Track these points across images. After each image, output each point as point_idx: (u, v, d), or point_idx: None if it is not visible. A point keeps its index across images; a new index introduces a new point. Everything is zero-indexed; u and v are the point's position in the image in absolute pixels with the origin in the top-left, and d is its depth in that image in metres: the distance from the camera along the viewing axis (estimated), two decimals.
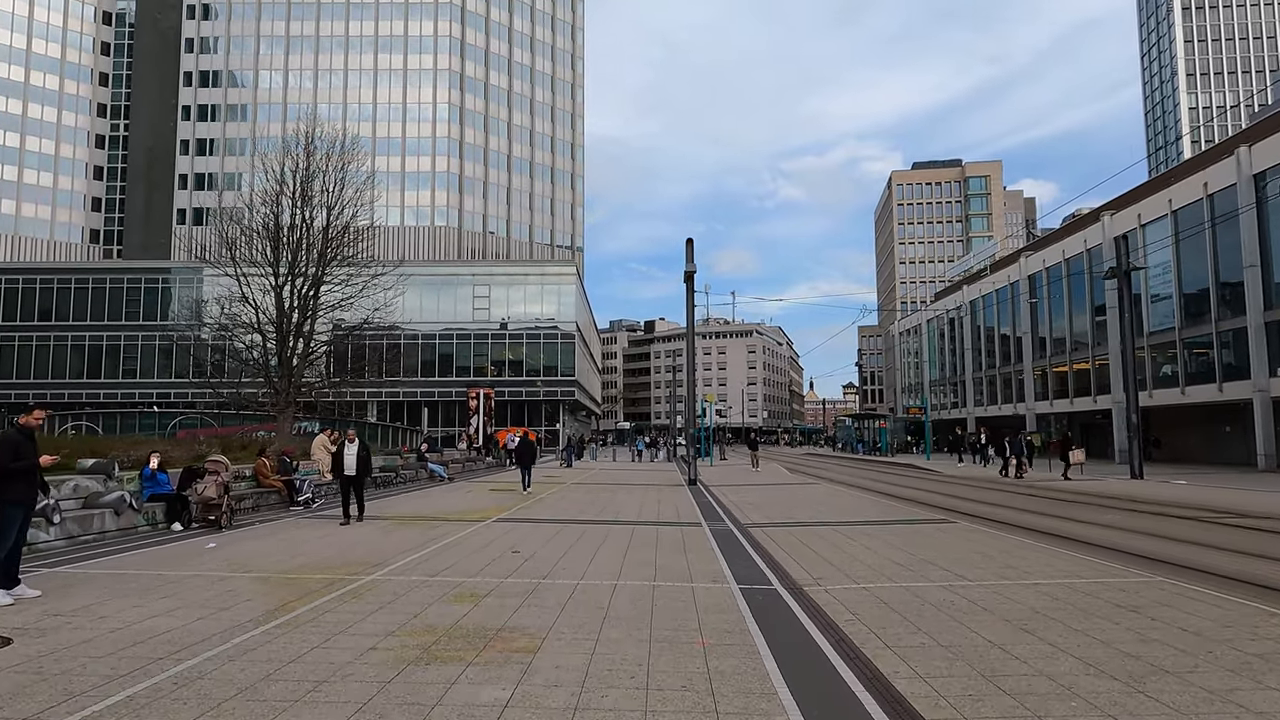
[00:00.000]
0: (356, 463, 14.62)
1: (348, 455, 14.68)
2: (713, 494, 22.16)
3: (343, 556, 10.46)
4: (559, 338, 71.42)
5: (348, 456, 14.67)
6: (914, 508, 18.68)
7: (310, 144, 31.34)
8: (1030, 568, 9.75)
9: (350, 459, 14.67)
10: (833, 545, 11.87)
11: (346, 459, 14.65)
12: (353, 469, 14.62)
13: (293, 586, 8.36)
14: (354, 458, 14.67)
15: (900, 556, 10.71)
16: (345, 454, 14.70)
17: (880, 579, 9.09)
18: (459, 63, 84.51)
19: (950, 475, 33.47)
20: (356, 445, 14.82)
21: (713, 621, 6.98)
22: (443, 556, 10.56)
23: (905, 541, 12.21)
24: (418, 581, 8.73)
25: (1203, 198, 41.53)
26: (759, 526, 14.40)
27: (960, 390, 75.17)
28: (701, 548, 11.68)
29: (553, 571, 9.48)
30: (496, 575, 9.19)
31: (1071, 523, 15.79)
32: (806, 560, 10.46)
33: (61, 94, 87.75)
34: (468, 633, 6.46)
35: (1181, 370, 43.93)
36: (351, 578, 8.90)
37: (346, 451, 14.72)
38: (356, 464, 14.61)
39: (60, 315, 68.38)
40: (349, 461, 14.64)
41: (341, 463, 14.72)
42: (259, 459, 16.65)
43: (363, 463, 14.74)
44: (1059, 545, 12.05)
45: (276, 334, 30.57)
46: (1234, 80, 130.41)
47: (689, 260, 27.14)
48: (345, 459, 14.66)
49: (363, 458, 14.76)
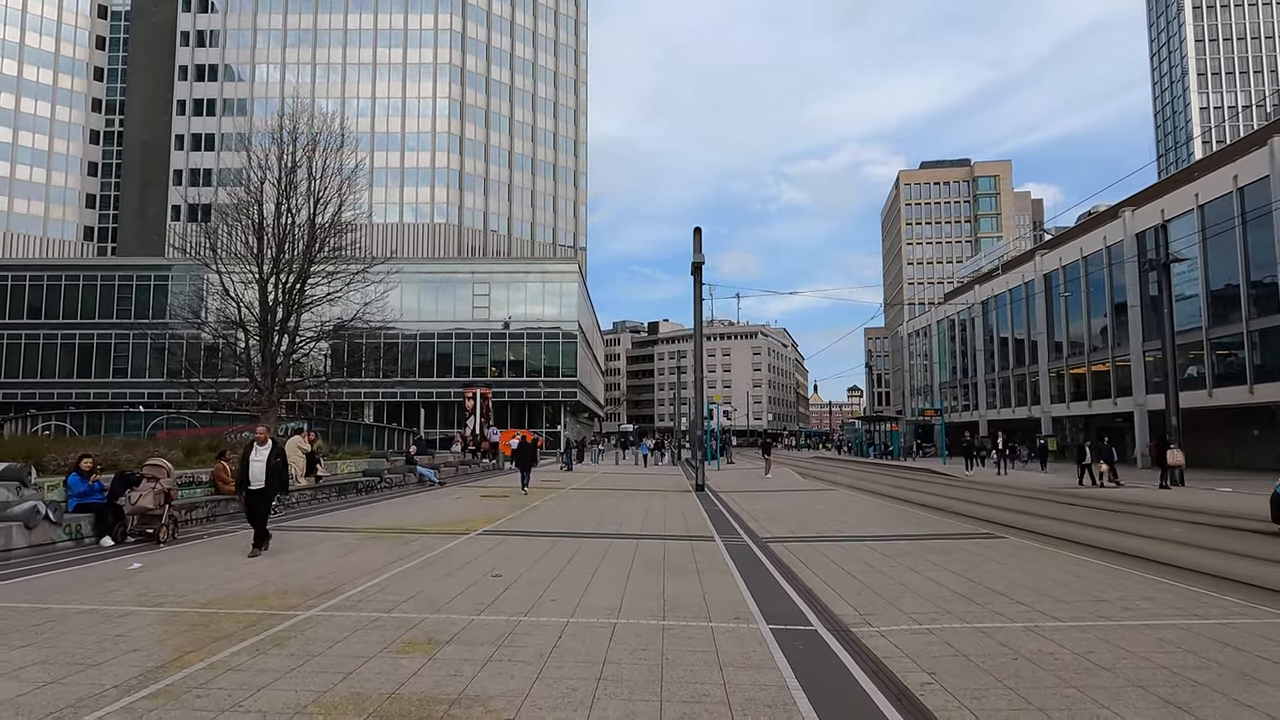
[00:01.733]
0: (266, 473, 10.88)
1: (253, 463, 10.84)
2: (722, 501, 20.36)
3: (285, 582, 8.68)
4: (560, 337, 69.59)
5: (253, 465, 10.84)
6: (946, 518, 16.86)
7: (295, 129, 29.67)
8: (1122, 599, 7.94)
9: (257, 468, 10.85)
10: (870, 567, 10.08)
11: (252, 468, 10.84)
12: (260, 481, 10.87)
13: (202, 629, 6.59)
14: (262, 467, 10.85)
15: (956, 582, 8.91)
16: (251, 461, 10.86)
17: (944, 616, 7.29)
18: (459, 57, 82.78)
19: (976, 481, 31.60)
20: (269, 450, 11.02)
21: (743, 684, 5.20)
22: (407, 581, 8.78)
23: (953, 561, 10.41)
24: (366, 620, 6.94)
25: (1232, 191, 39.72)
26: (779, 541, 12.60)
27: (971, 392, 73.25)
28: (716, 569, 9.90)
29: (538, 604, 7.69)
30: (467, 609, 7.41)
31: (1134, 537, 13.96)
32: (845, 588, 8.66)
33: (55, 88, 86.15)
34: (406, 711, 4.68)
35: (1208, 372, 42.06)
36: (284, 613, 7.12)
37: (253, 458, 10.89)
38: (266, 475, 10.88)
39: (50, 313, 66.70)
40: (254, 471, 10.85)
41: (246, 473, 10.89)
42: (218, 463, 14.87)
43: (274, 474, 10.95)
44: (1134, 566, 10.25)
45: (260, 330, 28.88)
46: (1245, 80, 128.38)
47: (697, 250, 25.37)
48: (251, 468, 10.85)
49: (275, 468, 10.96)
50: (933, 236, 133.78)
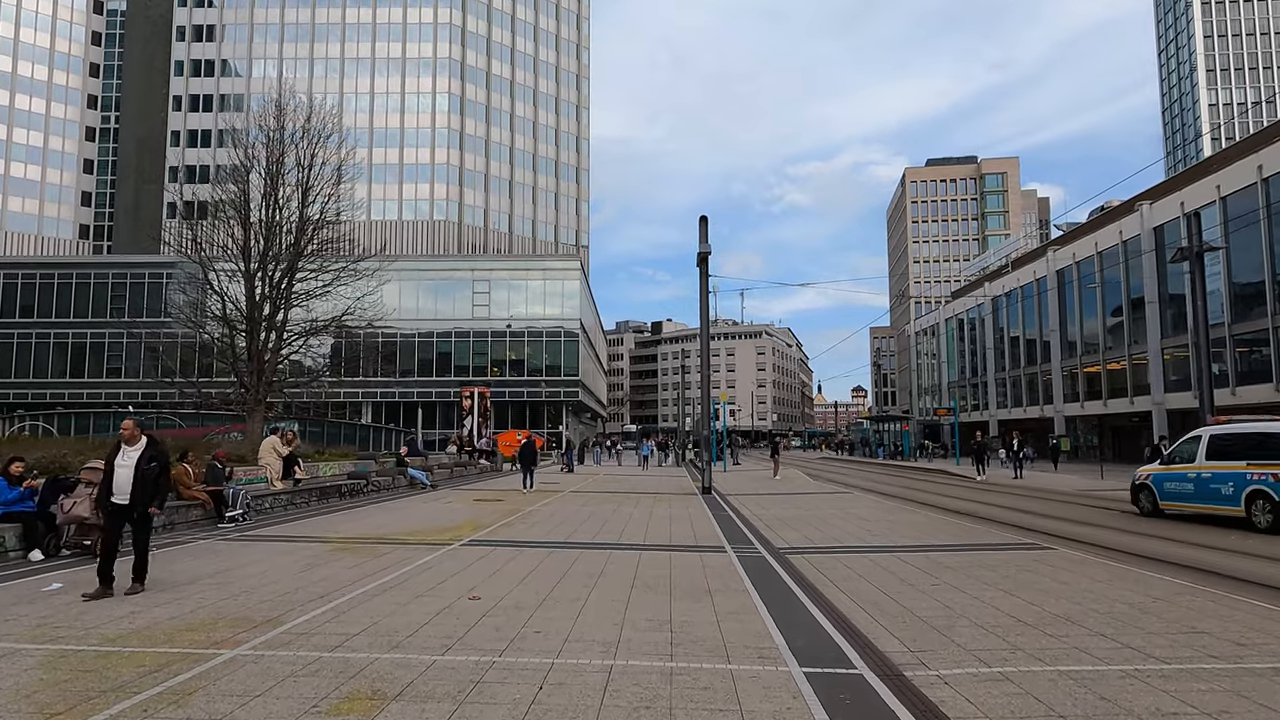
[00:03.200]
0: (135, 482, 7.92)
1: (119, 469, 7.96)
2: (731, 506, 18.99)
3: (221, 608, 7.33)
4: (562, 336, 68.21)
5: (119, 470, 7.96)
6: (978, 525, 15.47)
7: (281, 115, 28.41)
8: (1225, 630, 6.57)
9: (123, 476, 7.94)
10: (908, 584, 8.71)
11: (117, 475, 7.96)
12: (125, 494, 7.93)
13: (92, 677, 5.24)
14: (129, 473, 7.93)
15: (1016, 606, 7.54)
16: (116, 466, 7.99)
17: (1015, 654, 5.93)
18: (459, 51, 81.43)
19: (994, 484, 30.18)
20: (140, 450, 8.03)
21: None
22: (368, 606, 7.43)
23: (1002, 578, 9.05)
24: (302, 662, 5.59)
25: (1257, 182, 38.33)
26: (799, 553, 11.24)
27: (981, 392, 71.79)
28: (732, 589, 8.54)
29: (518, 637, 6.34)
30: (432, 645, 6.06)
31: (1200, 549, 12.56)
32: (885, 613, 7.30)
33: (50, 85, 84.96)
34: None
35: (1231, 369, 40.67)
36: (205, 652, 5.78)
37: (119, 461, 7.99)
38: (134, 484, 7.92)
39: (43, 312, 65.53)
40: (119, 480, 7.94)
41: (110, 482, 7.97)
42: (179, 465, 13.52)
43: (146, 483, 7.96)
44: (1214, 584, 8.86)
45: (247, 325, 27.61)
46: (1255, 76, 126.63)
47: (703, 240, 24.02)
48: (115, 475, 7.97)
49: (148, 474, 7.98)
50: (939, 234, 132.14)
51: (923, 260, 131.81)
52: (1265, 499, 14.14)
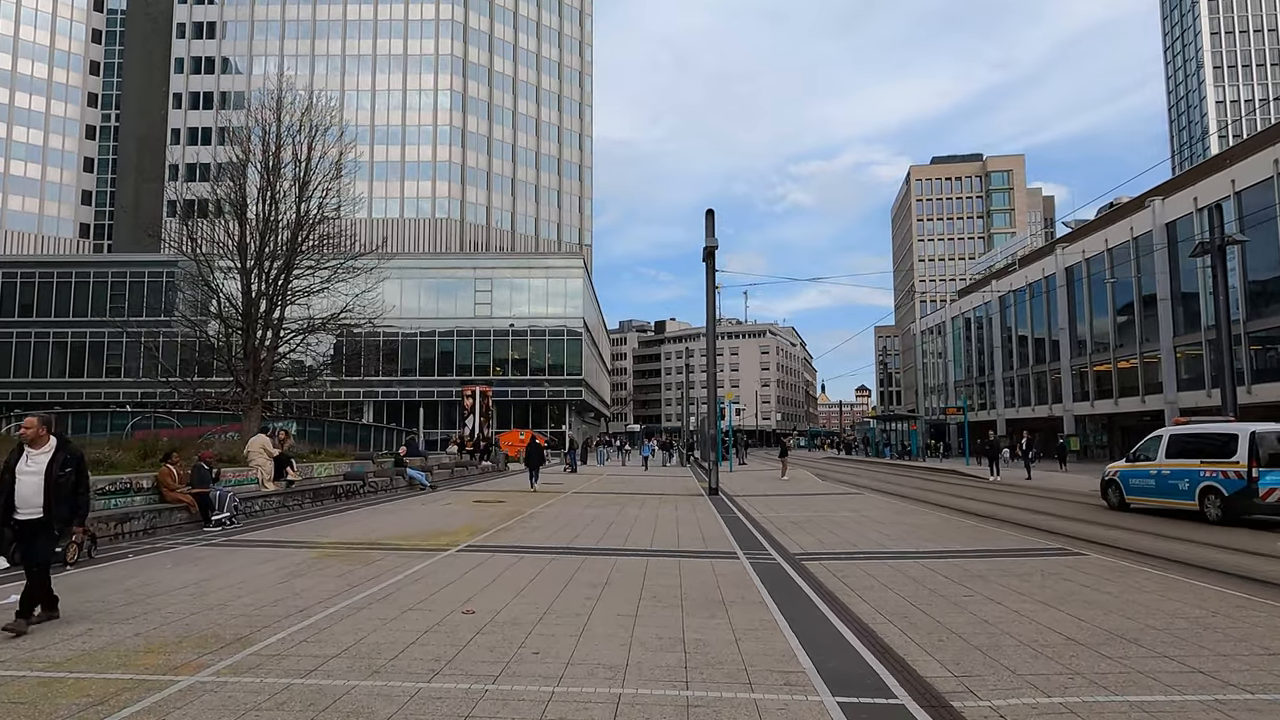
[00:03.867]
0: (45, 491, 6.50)
1: (23, 476, 6.53)
2: (740, 507, 18.31)
3: (189, 624, 6.67)
4: (566, 335, 67.53)
5: (23, 479, 6.53)
6: (1002, 529, 14.76)
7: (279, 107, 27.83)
8: None
9: (30, 485, 6.51)
10: (939, 595, 8.03)
11: (20, 485, 6.52)
12: (35, 507, 6.50)
13: (25, 710, 4.58)
14: (38, 481, 6.51)
15: (1062, 621, 6.86)
16: (19, 473, 6.55)
17: (1073, 679, 5.25)
18: (461, 48, 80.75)
19: (1007, 484, 29.44)
20: (50, 454, 6.59)
21: None
22: (351, 622, 6.77)
23: (1039, 588, 8.36)
24: (268, 690, 4.93)
25: (1273, 175, 37.55)
26: (816, 559, 10.56)
27: (988, 391, 71.01)
28: (748, 600, 7.87)
29: (514, 660, 5.68)
30: (418, 670, 5.40)
31: (1241, 554, 11.86)
32: (920, 629, 6.62)
33: (50, 83, 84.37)
34: None
35: (1246, 366, 39.88)
36: (160, 679, 5.12)
37: (22, 468, 6.56)
38: (45, 493, 6.50)
39: (42, 311, 65.03)
40: (24, 489, 6.51)
41: (11, 494, 6.52)
42: (163, 466, 12.88)
43: (57, 491, 6.53)
44: (1271, 595, 8.17)
45: (243, 323, 27.03)
46: (1263, 74, 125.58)
47: (709, 234, 23.38)
48: (19, 485, 6.53)
49: (62, 484, 6.56)
50: (945, 233, 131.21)
51: (928, 258, 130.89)
52: (1215, 494, 15.57)
